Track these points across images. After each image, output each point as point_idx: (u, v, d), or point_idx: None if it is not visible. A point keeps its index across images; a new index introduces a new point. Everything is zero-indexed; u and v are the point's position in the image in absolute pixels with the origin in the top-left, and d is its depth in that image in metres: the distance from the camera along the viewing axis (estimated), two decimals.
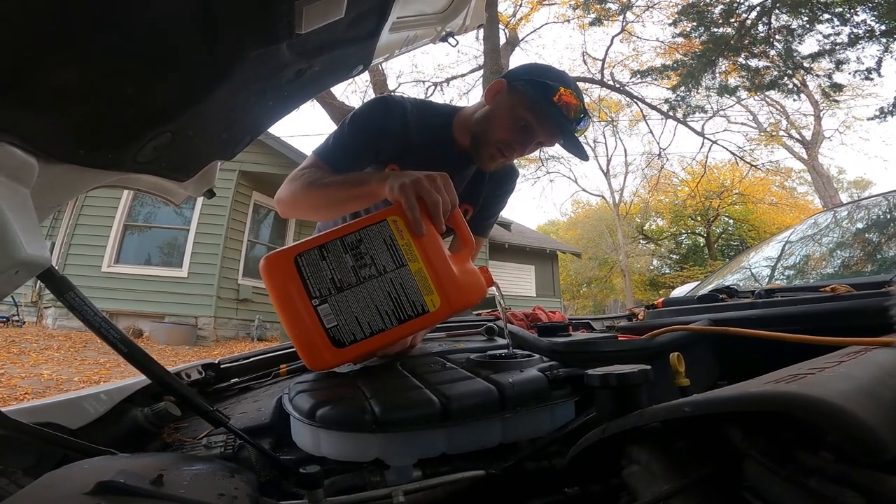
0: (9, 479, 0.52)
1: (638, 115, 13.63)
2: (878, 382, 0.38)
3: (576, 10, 11.33)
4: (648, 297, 20.53)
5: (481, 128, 1.12)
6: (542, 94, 1.03)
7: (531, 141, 1.11)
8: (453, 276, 0.78)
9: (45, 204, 0.59)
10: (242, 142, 0.83)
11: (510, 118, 1.08)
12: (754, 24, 8.84)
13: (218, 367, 1.03)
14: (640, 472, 0.46)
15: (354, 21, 0.73)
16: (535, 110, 1.06)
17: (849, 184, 28.13)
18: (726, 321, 0.88)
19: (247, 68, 0.61)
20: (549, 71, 1.10)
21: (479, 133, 1.12)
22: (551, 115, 1.04)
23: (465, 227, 0.87)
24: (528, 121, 1.07)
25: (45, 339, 6.51)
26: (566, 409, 0.72)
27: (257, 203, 8.81)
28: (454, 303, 0.76)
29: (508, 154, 1.12)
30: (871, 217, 1.72)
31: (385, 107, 1.13)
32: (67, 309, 0.55)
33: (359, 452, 0.63)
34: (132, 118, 0.57)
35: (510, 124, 1.08)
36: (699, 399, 0.40)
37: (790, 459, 0.36)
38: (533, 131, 1.08)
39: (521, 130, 1.09)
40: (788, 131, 17.12)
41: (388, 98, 1.18)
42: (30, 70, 0.43)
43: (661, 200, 22.92)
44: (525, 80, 1.07)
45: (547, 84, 1.04)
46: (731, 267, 2.14)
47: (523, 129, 1.08)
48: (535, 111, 1.06)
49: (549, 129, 1.08)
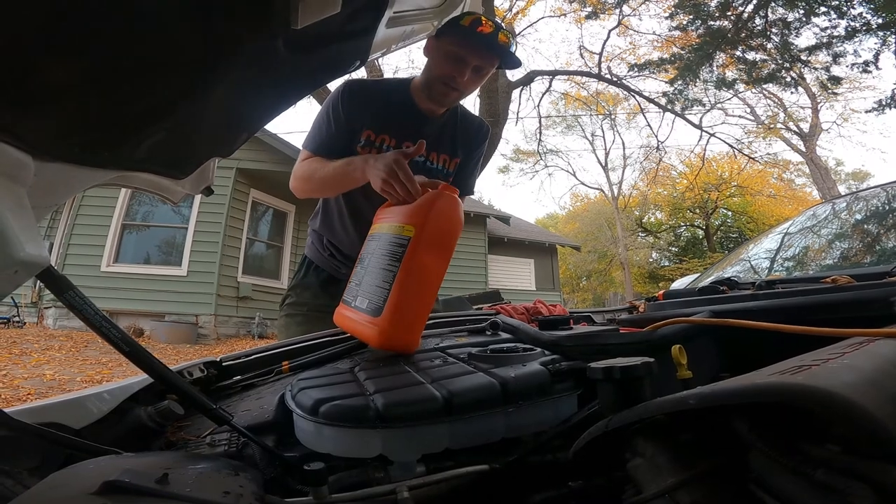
0: (14, 479, 0.52)
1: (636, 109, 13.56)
2: (883, 373, 0.38)
3: (572, 4, 11.25)
4: (648, 289, 20.57)
5: (426, 76, 1.34)
6: (456, 27, 1.21)
7: (465, 66, 1.27)
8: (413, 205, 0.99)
9: (43, 203, 0.59)
10: (239, 139, 0.83)
11: (442, 56, 1.29)
12: (751, 17, 8.79)
13: (220, 364, 1.02)
14: (645, 464, 0.46)
15: (351, 16, 0.72)
16: (457, 42, 1.24)
17: (847, 175, 28.14)
18: (728, 313, 0.88)
19: (243, 64, 0.61)
20: (460, 17, 1.29)
21: (426, 81, 1.34)
22: (471, 37, 1.22)
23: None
24: (454, 51, 1.26)
25: (46, 339, 6.51)
26: (569, 402, 0.72)
27: (255, 200, 8.79)
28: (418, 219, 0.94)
29: (454, 85, 1.30)
30: (869, 208, 1.72)
31: (350, 91, 1.36)
32: (68, 308, 0.55)
33: (362, 448, 0.63)
34: (128, 115, 0.56)
35: (442, 60, 1.29)
36: (704, 391, 0.40)
37: (796, 451, 0.36)
38: (463, 58, 1.26)
39: (453, 61, 1.27)
40: (786, 124, 17.11)
41: (350, 83, 1.39)
42: (24, 68, 0.43)
43: (660, 193, 22.93)
44: (444, 27, 1.21)
45: (456, 20, 1.20)
46: (730, 259, 2.14)
47: (454, 59, 1.27)
48: (457, 42, 1.24)
49: (477, 50, 1.25)
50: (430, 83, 1.33)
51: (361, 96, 1.36)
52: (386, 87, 1.44)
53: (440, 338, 1.08)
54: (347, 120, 1.35)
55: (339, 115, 1.34)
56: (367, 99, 1.36)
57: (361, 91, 1.37)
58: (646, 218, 25.05)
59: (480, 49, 1.26)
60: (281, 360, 1.06)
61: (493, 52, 1.27)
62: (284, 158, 8.08)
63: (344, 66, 0.88)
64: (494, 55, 1.28)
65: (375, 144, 1.37)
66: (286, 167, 7.96)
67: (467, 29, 1.21)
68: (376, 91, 1.40)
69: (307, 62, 0.72)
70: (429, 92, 1.34)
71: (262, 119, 0.84)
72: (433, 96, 1.34)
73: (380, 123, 1.37)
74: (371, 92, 1.39)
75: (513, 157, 23.07)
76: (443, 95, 1.33)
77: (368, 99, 1.36)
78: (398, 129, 1.39)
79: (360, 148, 1.37)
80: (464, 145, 1.51)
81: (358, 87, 1.38)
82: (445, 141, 1.47)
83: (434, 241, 0.93)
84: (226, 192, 8.03)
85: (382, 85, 1.47)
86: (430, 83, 1.33)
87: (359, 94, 1.36)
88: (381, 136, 1.38)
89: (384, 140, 1.38)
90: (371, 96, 1.37)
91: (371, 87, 1.43)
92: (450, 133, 1.47)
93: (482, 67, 1.30)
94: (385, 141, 1.38)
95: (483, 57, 1.28)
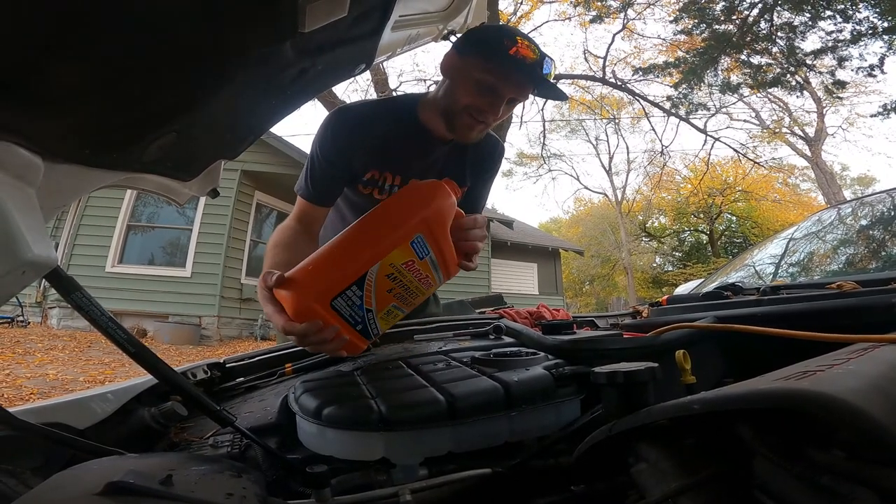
0: (17, 479, 0.52)
1: (640, 113, 13.60)
2: (888, 379, 0.37)
3: (576, 8, 11.26)
4: (651, 294, 20.53)
5: (447, 101, 1.10)
6: (491, 51, 1.01)
7: (500, 100, 1.07)
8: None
9: (51, 204, 0.59)
10: (246, 141, 0.83)
11: (470, 82, 1.06)
12: (756, 21, 8.79)
13: (223, 366, 1.03)
14: (649, 469, 0.46)
15: (357, 19, 0.73)
16: (492, 70, 1.03)
17: (852, 180, 27.96)
18: (732, 318, 0.87)
19: (251, 67, 0.61)
20: (493, 29, 1.11)
21: (447, 107, 1.11)
22: (510, 66, 1.00)
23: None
24: (489, 81, 1.04)
25: (49, 339, 6.54)
26: (572, 406, 0.72)
27: (260, 202, 8.83)
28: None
29: (482, 118, 1.08)
30: (875, 214, 1.71)
31: (339, 123, 1.14)
32: (74, 309, 0.56)
33: (365, 451, 0.63)
34: (137, 118, 0.57)
35: (471, 88, 1.06)
36: (709, 396, 0.39)
37: (801, 457, 0.36)
38: (498, 90, 1.05)
39: (485, 92, 1.06)
40: (791, 128, 17.06)
41: (340, 112, 1.17)
42: (35, 70, 0.43)
43: (664, 198, 22.87)
44: (472, 44, 1.06)
45: (491, 41, 1.03)
46: (734, 264, 2.13)
47: (487, 89, 1.05)
48: (492, 70, 1.03)
49: (516, 83, 1.05)
50: (453, 112, 1.10)
51: (353, 128, 1.13)
52: (384, 112, 1.18)
53: (443, 341, 1.08)
54: (339, 157, 1.14)
55: (327, 153, 1.13)
56: (362, 130, 1.14)
57: (354, 121, 1.14)
58: (649, 222, 24.99)
59: (521, 81, 1.05)
60: (284, 362, 1.06)
61: (537, 85, 1.07)
62: (289, 161, 8.12)
63: (350, 70, 0.88)
64: (534, 87, 1.08)
65: (378, 184, 1.19)
66: (291, 169, 8.00)
67: (506, 56, 0.99)
68: (372, 119, 1.15)
69: (313, 65, 0.73)
70: (450, 122, 1.11)
71: (268, 121, 0.85)
72: (456, 128, 1.12)
73: (380, 159, 1.16)
74: (366, 121, 1.15)
75: (517, 161, 23.09)
76: (467, 128, 1.10)
77: (363, 130, 1.14)
78: (403, 165, 1.19)
79: (361, 186, 1.19)
80: (474, 171, 1.30)
81: (349, 118, 1.15)
82: (453, 166, 1.25)
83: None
84: (230, 193, 8.07)
85: (380, 111, 1.19)
86: (453, 112, 1.10)
87: (350, 126, 1.14)
88: (385, 173, 1.18)
89: (386, 178, 1.19)
90: (366, 127, 1.14)
91: (366, 115, 1.17)
92: (459, 157, 1.25)
93: (517, 100, 1.11)
94: (388, 180, 1.19)
95: (522, 90, 1.07)
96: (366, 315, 0.76)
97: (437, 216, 0.78)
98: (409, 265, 0.76)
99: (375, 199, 1.19)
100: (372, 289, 0.73)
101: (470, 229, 0.85)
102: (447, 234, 0.81)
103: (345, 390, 0.71)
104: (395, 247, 0.74)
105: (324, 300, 0.71)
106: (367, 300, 0.74)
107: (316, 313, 0.70)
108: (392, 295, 0.78)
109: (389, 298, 0.78)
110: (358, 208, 1.23)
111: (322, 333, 0.71)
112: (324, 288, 0.71)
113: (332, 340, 0.73)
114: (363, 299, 0.73)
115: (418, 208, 0.77)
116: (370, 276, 0.72)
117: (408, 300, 0.82)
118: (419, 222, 0.76)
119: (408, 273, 0.77)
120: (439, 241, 0.80)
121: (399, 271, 0.76)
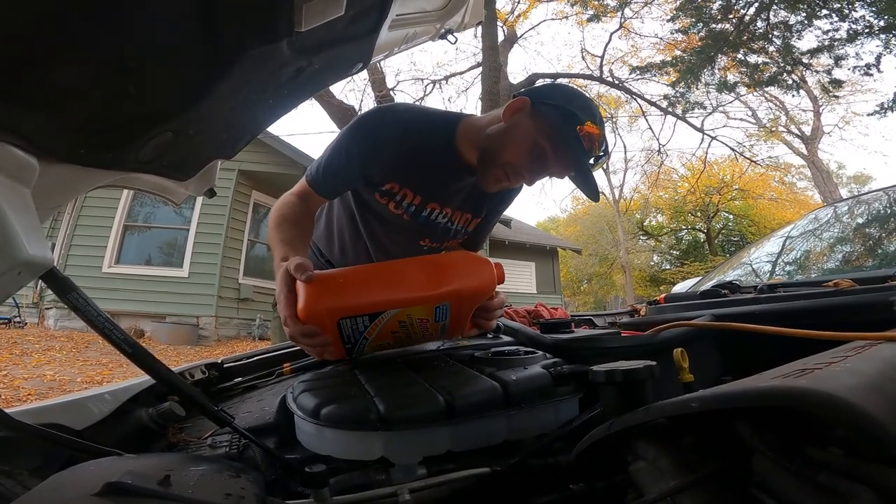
0: (15, 480, 0.52)
1: (637, 112, 13.60)
2: (885, 377, 0.38)
3: (574, 7, 11.25)
4: (649, 293, 20.56)
5: (492, 146, 1.03)
6: (566, 123, 0.96)
7: (544, 171, 1.03)
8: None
9: (47, 204, 0.59)
10: (242, 140, 0.83)
11: (527, 142, 0.99)
12: (753, 20, 8.80)
13: (221, 366, 1.03)
14: (648, 468, 0.46)
15: (354, 18, 0.72)
16: (554, 139, 0.98)
17: (848, 179, 28.08)
18: (729, 316, 0.88)
19: (247, 66, 0.61)
20: (577, 97, 1.02)
21: (488, 151, 1.04)
22: (571, 148, 0.96)
23: None
24: (545, 149, 0.99)
25: (46, 339, 6.51)
26: (570, 405, 0.72)
27: (257, 202, 8.80)
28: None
29: (515, 180, 1.04)
30: (871, 212, 1.72)
31: (378, 125, 1.07)
32: (71, 310, 0.55)
33: (364, 451, 0.63)
34: (133, 117, 0.56)
35: (525, 149, 1.00)
36: (707, 394, 0.40)
37: (799, 454, 0.36)
38: (547, 161, 1.00)
39: (535, 158, 1.00)
40: (788, 127, 17.12)
41: (381, 113, 1.11)
42: (30, 69, 0.43)
43: (661, 196, 22.91)
44: (551, 105, 0.99)
45: (574, 113, 0.96)
46: (732, 263, 2.14)
47: (538, 156, 1.00)
48: (554, 140, 0.98)
49: (565, 162, 1.00)
50: (492, 162, 1.03)
51: (389, 133, 1.05)
52: (423, 125, 1.09)
53: (442, 340, 1.08)
54: (362, 158, 1.06)
55: (359, 149, 1.05)
56: (395, 138, 1.05)
57: (392, 125, 1.06)
58: (647, 221, 25.04)
59: (569, 163, 1.00)
60: (282, 361, 1.06)
61: (578, 171, 1.01)
62: (286, 160, 8.10)
63: (347, 68, 0.88)
64: (576, 172, 1.02)
65: (396, 198, 1.13)
66: (288, 169, 7.98)
67: (575, 136, 0.94)
68: (408, 129, 1.06)
69: (310, 64, 0.73)
70: (483, 165, 1.05)
71: (265, 121, 0.85)
72: (485, 176, 1.06)
73: (403, 173, 1.10)
74: (403, 130, 1.06)
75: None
76: (495, 181, 1.05)
77: (396, 138, 1.05)
78: (426, 186, 1.13)
79: (378, 195, 1.13)
80: (492, 204, 1.28)
81: (387, 121, 1.07)
82: (474, 199, 1.22)
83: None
84: (227, 193, 8.04)
85: (419, 122, 1.09)
86: (492, 162, 1.03)
87: (387, 130, 1.06)
88: (405, 189, 1.12)
89: (406, 196, 1.13)
90: (399, 137, 1.05)
91: (405, 122, 1.07)
92: (482, 190, 1.17)
93: (553, 176, 1.07)
94: (407, 197, 1.13)
95: (566, 170, 1.03)
96: (361, 341, 0.79)
97: (472, 295, 0.80)
98: (423, 322, 0.79)
99: (391, 211, 1.15)
100: (379, 326, 0.77)
101: (494, 310, 0.86)
102: (472, 311, 0.83)
103: (343, 390, 0.71)
104: (421, 304, 0.76)
105: (334, 315, 0.74)
106: (369, 331, 0.77)
107: (321, 321, 0.74)
108: (392, 336, 0.81)
109: (388, 337, 0.81)
110: (371, 211, 1.19)
111: (315, 339, 0.75)
112: (342, 306, 0.74)
113: (318, 346, 0.77)
114: (367, 329, 0.77)
115: (460, 281, 0.78)
116: (385, 315, 0.75)
117: (402, 343, 0.86)
118: (453, 293, 0.77)
119: (418, 327, 0.80)
120: (462, 314, 0.82)
121: (411, 323, 0.79)
